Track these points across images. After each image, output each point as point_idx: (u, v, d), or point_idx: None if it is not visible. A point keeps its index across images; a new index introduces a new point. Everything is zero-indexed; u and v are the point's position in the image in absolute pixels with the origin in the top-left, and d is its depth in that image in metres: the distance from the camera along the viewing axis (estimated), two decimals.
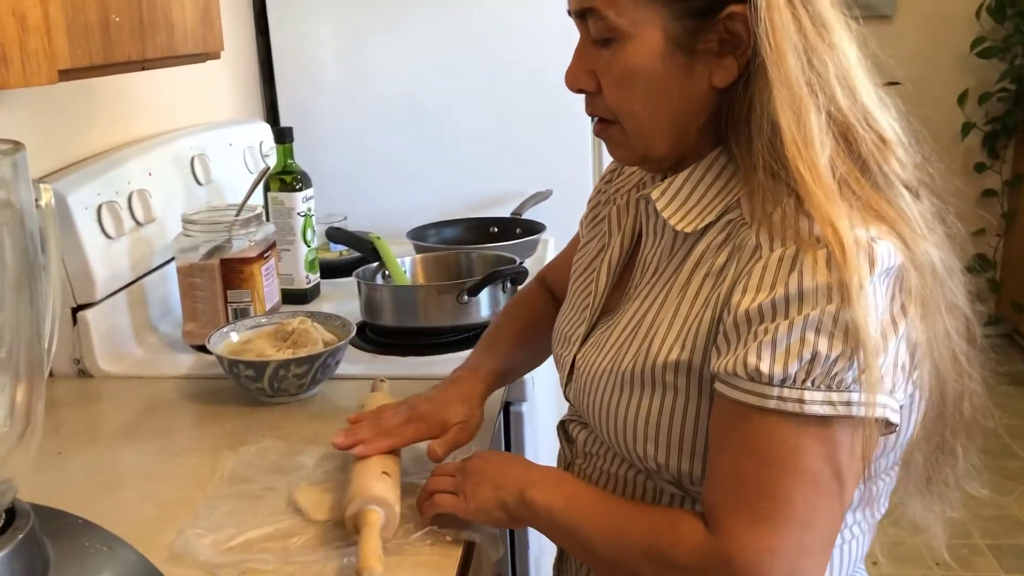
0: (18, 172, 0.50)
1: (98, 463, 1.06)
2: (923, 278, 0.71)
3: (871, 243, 0.69)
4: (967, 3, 3.66)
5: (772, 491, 0.69)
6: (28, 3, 0.58)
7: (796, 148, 0.71)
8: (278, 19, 2.00)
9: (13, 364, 0.52)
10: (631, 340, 0.82)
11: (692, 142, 0.80)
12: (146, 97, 1.59)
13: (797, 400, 0.68)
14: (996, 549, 2.49)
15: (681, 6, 0.74)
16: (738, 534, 0.69)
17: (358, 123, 2.04)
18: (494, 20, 1.95)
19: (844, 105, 0.74)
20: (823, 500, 0.70)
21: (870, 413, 0.68)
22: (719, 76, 0.75)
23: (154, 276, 1.46)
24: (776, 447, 0.69)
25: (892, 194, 0.74)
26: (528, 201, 1.95)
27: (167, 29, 0.96)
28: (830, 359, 0.67)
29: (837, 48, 0.74)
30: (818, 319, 0.67)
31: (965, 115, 3.74)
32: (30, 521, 0.54)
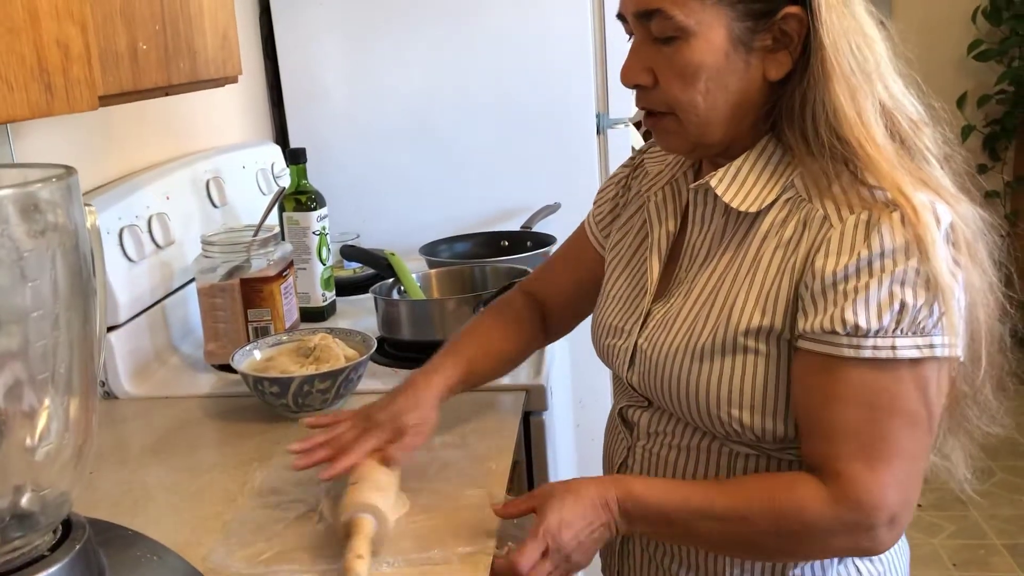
0: (72, 195, 0.52)
1: (129, 481, 1.08)
2: (968, 237, 0.81)
3: (935, 204, 0.79)
4: (963, 7, 3.69)
5: (882, 434, 0.78)
6: (71, 33, 0.61)
7: (858, 128, 0.81)
8: (285, 42, 2.03)
9: (68, 381, 0.54)
10: (706, 314, 0.88)
11: (744, 130, 0.88)
12: (160, 122, 1.62)
13: (890, 347, 0.77)
14: (1013, 549, 2.49)
15: (744, 7, 0.83)
16: (861, 478, 0.78)
17: (366, 142, 2.06)
18: (500, 38, 1.98)
19: (882, 91, 0.84)
20: (922, 436, 0.80)
21: (952, 353, 0.78)
22: (773, 70, 0.85)
23: (174, 298, 1.49)
24: (878, 394, 0.78)
25: (931, 167, 0.84)
26: (537, 214, 1.97)
27: (190, 56, 0.99)
28: (917, 307, 0.77)
29: (875, 41, 0.85)
30: (903, 273, 0.77)
31: (965, 117, 3.77)
32: (86, 532, 0.55)
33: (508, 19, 1.98)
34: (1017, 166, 3.79)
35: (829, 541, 0.81)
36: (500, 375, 1.17)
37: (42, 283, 0.51)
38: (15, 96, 0.57)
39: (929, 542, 2.55)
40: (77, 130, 1.36)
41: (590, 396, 1.90)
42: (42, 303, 0.51)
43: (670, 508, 0.84)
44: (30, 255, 0.50)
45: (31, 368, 0.52)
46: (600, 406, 1.08)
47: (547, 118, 2.01)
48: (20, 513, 0.54)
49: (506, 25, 1.98)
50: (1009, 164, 3.81)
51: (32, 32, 0.58)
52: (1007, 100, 3.69)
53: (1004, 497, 2.73)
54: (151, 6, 0.90)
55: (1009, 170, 3.81)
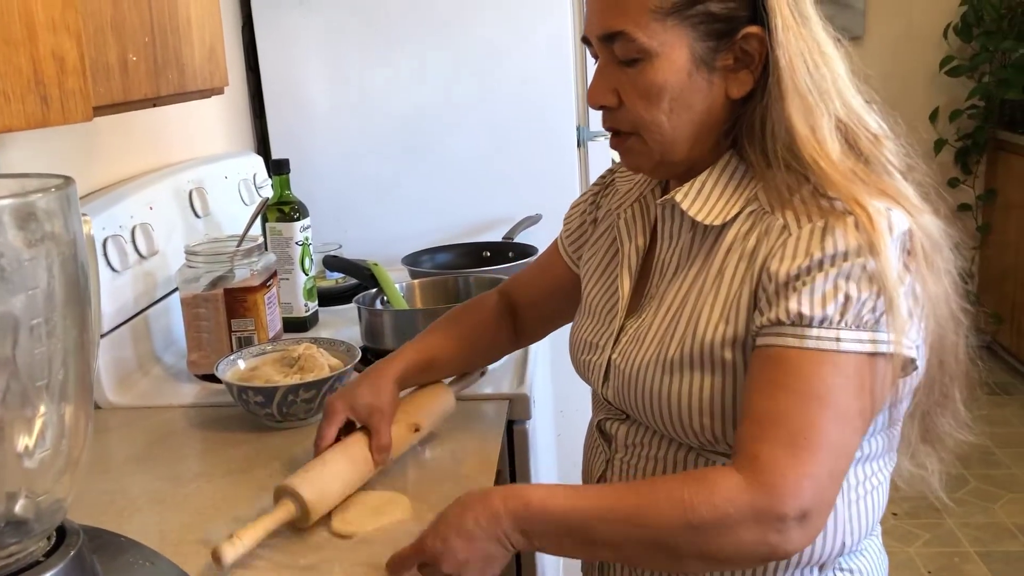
0: (70, 205, 0.53)
1: (113, 491, 1.08)
2: (925, 245, 0.82)
3: (888, 211, 0.80)
4: (935, 23, 3.77)
5: (811, 423, 0.77)
6: (67, 46, 0.61)
7: (812, 146, 0.83)
8: (267, 53, 2.04)
9: (64, 389, 0.54)
10: (675, 328, 0.89)
11: (707, 148, 0.90)
12: (143, 132, 1.62)
13: (834, 339, 0.77)
14: (986, 556, 2.53)
15: (705, 28, 0.84)
16: (780, 462, 0.75)
17: (348, 153, 2.07)
18: (482, 50, 2.00)
19: (840, 107, 0.85)
20: (851, 432, 0.79)
21: (898, 350, 0.78)
22: (735, 88, 0.86)
23: (156, 308, 1.48)
24: (815, 384, 0.78)
25: (892, 179, 0.86)
26: (519, 225, 1.99)
27: (178, 67, 1.00)
28: (861, 301, 0.78)
29: (832, 60, 0.86)
30: (850, 268, 0.78)
31: (937, 132, 3.84)
32: (80, 538, 0.56)
33: (490, 32, 2.00)
34: (988, 179, 3.86)
35: (739, 532, 0.75)
36: (465, 369, 1.20)
37: (41, 291, 0.51)
38: (12, 107, 0.58)
39: (904, 550, 2.58)
40: (61, 140, 1.36)
41: (570, 406, 1.91)
42: (41, 311, 0.51)
43: (570, 514, 0.78)
44: (29, 264, 0.51)
45: (29, 375, 0.52)
46: (580, 416, 1.09)
47: (529, 130, 2.03)
48: (15, 519, 0.54)
49: (488, 38, 2.00)
50: (980, 178, 3.89)
51: (29, 45, 0.59)
52: (978, 115, 3.76)
53: (978, 505, 2.78)
54: (141, 18, 0.91)
55: (980, 183, 3.88)
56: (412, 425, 1.09)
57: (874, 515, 0.90)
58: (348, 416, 1.04)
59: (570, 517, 0.78)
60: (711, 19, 0.83)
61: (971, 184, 3.89)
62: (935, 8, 3.76)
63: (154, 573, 0.60)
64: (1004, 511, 2.75)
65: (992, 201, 3.80)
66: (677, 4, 0.83)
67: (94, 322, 0.59)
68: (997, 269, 3.79)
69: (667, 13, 0.83)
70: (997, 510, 2.75)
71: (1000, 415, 3.33)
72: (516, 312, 1.19)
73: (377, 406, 1.04)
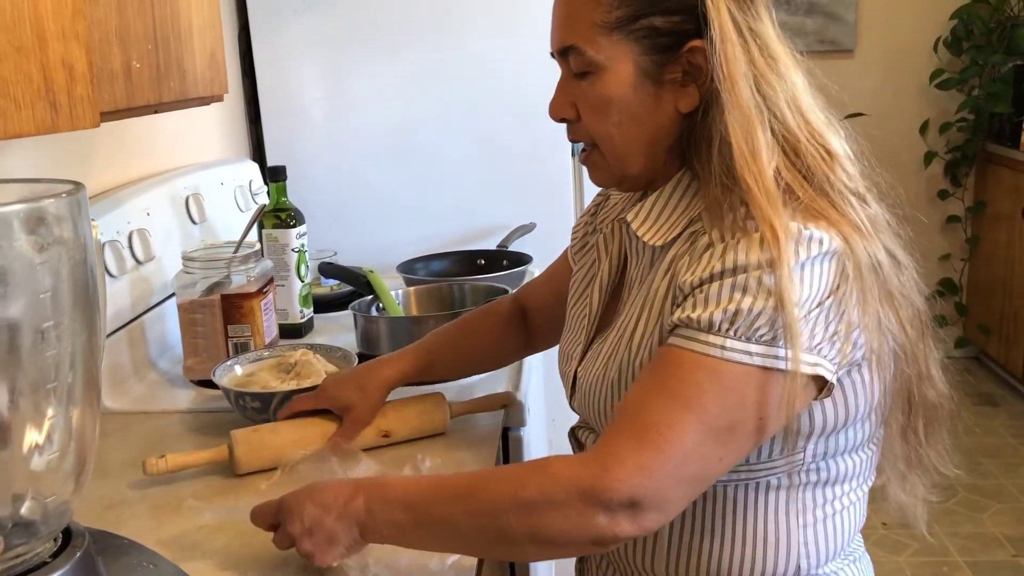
0: (80, 210, 0.54)
1: (110, 495, 1.08)
2: (859, 269, 0.79)
3: (801, 231, 0.77)
4: (925, 37, 3.81)
5: (668, 421, 0.75)
6: (76, 53, 0.62)
7: (745, 161, 0.80)
8: (263, 60, 2.04)
9: (72, 392, 0.55)
10: (618, 348, 0.90)
11: (662, 163, 0.89)
12: (139, 138, 1.63)
13: (719, 346, 0.76)
14: (975, 566, 2.55)
15: (650, 42, 0.84)
16: (621, 449, 0.75)
17: (343, 160, 2.08)
18: (477, 59, 2.01)
19: (792, 124, 0.83)
20: (713, 442, 0.76)
21: (795, 368, 0.75)
22: (683, 102, 0.85)
23: (152, 314, 1.49)
24: (687, 385, 0.76)
25: (837, 198, 0.82)
26: (513, 234, 2.00)
27: (180, 75, 1.00)
28: (754, 314, 0.75)
29: (784, 76, 0.84)
30: (745, 280, 0.76)
31: (927, 144, 3.87)
32: (85, 540, 0.57)
33: (485, 41, 2.01)
34: (977, 192, 3.90)
35: (565, 510, 0.74)
36: (469, 374, 1.23)
37: (52, 295, 0.52)
38: (22, 114, 0.58)
39: (893, 560, 2.60)
40: (58, 146, 1.37)
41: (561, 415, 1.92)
42: (51, 315, 0.52)
43: (411, 490, 0.81)
44: (40, 268, 0.51)
45: (39, 378, 0.53)
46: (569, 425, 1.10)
47: (523, 139, 2.04)
48: (22, 521, 0.55)
49: (483, 46, 2.01)
50: (970, 190, 3.92)
51: (40, 52, 0.60)
52: (967, 128, 3.80)
53: (966, 515, 2.80)
54: (144, 26, 0.92)
55: (969, 196, 3.92)
56: (383, 431, 1.14)
57: (837, 539, 0.89)
58: (328, 407, 1.12)
59: (410, 493, 0.81)
60: (655, 33, 0.83)
61: (960, 196, 3.92)
62: (925, 22, 3.80)
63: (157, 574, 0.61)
64: (992, 521, 2.77)
65: (981, 213, 3.84)
66: (621, 18, 0.83)
67: (101, 326, 0.60)
68: (986, 281, 3.82)
69: (612, 27, 0.84)
70: (985, 520, 2.77)
71: (988, 426, 3.35)
72: (528, 317, 1.21)
73: (357, 409, 1.11)
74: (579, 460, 0.77)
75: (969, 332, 3.95)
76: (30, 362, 0.54)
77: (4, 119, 0.57)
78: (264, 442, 1.11)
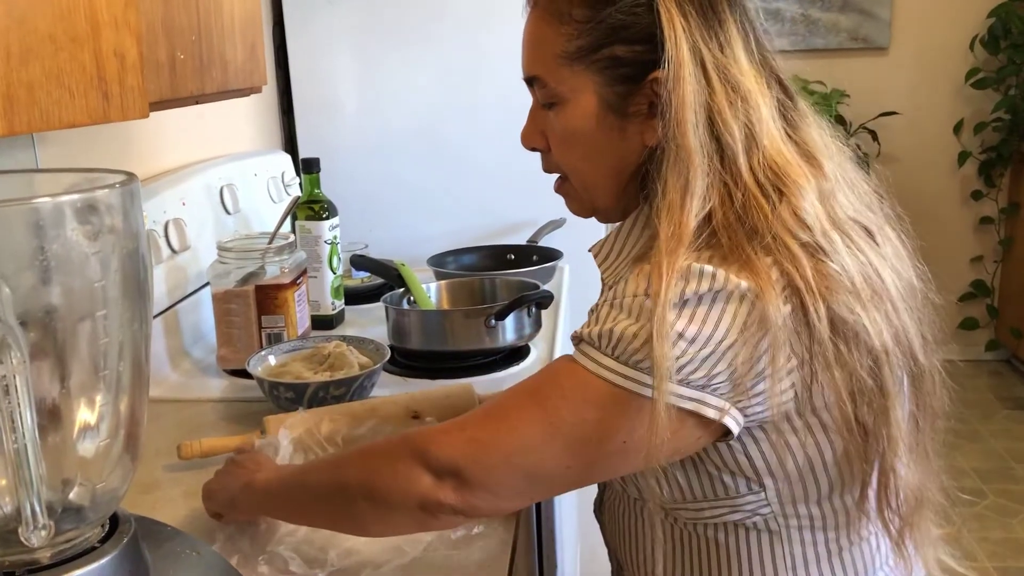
0: (133, 201, 0.54)
1: (146, 482, 1.10)
2: (767, 322, 0.72)
3: (692, 265, 0.73)
4: (961, 35, 3.76)
5: (519, 411, 0.76)
6: (128, 43, 0.63)
7: (668, 203, 0.76)
8: (297, 52, 2.05)
9: (122, 381, 0.56)
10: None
11: (631, 196, 0.87)
12: (176, 129, 1.64)
13: (592, 359, 0.75)
14: (1004, 572, 2.52)
15: (611, 73, 0.81)
16: (466, 422, 0.78)
17: (375, 153, 2.09)
18: (510, 52, 1.99)
19: (743, 165, 0.77)
20: (557, 446, 0.75)
21: (660, 397, 0.71)
22: (649, 136, 0.82)
23: (186, 303, 1.50)
24: (551, 387, 0.76)
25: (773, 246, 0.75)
26: (543, 229, 2.00)
27: (222, 66, 1.01)
28: (627, 336, 0.73)
29: (746, 113, 0.78)
30: (623, 301, 0.75)
31: (961, 144, 3.82)
32: (132, 527, 0.57)
33: (516, 34, 2.00)
34: (1012, 193, 3.84)
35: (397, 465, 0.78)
36: None
37: (104, 284, 0.53)
38: (75, 103, 0.59)
39: None
40: (96, 136, 1.38)
41: None
42: (104, 303, 0.53)
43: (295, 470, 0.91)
44: (94, 257, 0.52)
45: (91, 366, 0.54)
46: None
47: None
48: (72, 506, 0.56)
49: (516, 40, 2.00)
50: (1004, 191, 3.87)
51: (93, 42, 0.61)
52: (1003, 128, 3.75)
53: (995, 520, 2.76)
54: (188, 17, 0.92)
55: (1004, 197, 3.87)
56: (412, 411, 1.15)
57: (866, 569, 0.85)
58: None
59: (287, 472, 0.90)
60: (617, 63, 0.80)
61: (994, 197, 3.87)
62: (962, 20, 3.75)
63: (200, 562, 0.61)
64: (1022, 526, 2.73)
65: (1015, 214, 3.79)
66: (582, 47, 0.81)
67: (150, 316, 0.61)
68: (1019, 283, 3.76)
69: (573, 58, 0.82)
70: (1015, 525, 2.74)
71: (1019, 430, 3.31)
72: None
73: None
74: (431, 427, 0.80)
75: (1001, 335, 3.90)
76: (81, 349, 0.54)
77: (59, 108, 0.58)
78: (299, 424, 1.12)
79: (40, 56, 0.57)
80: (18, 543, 0.52)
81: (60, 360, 0.54)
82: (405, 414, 1.15)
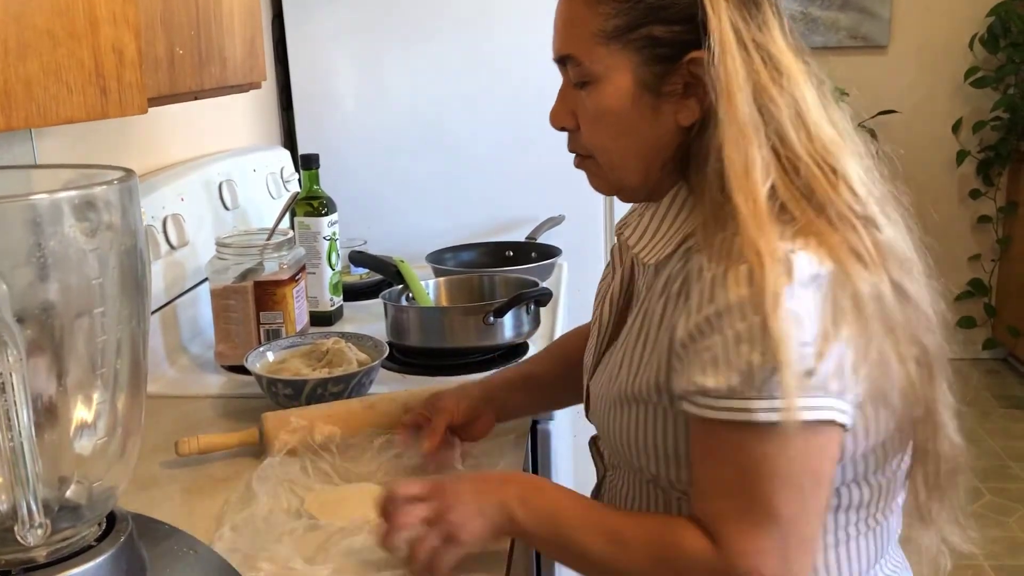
0: (132, 198, 0.54)
1: (143, 479, 1.09)
2: (855, 296, 0.74)
3: (789, 254, 0.74)
4: (961, 33, 3.75)
5: (754, 496, 0.75)
6: (126, 39, 0.63)
7: (737, 177, 0.77)
8: (297, 48, 2.05)
9: (119, 378, 0.55)
10: (623, 364, 0.88)
11: (660, 176, 0.86)
12: (174, 124, 1.63)
13: (744, 410, 0.73)
14: (1000, 570, 2.52)
15: (649, 52, 0.81)
16: (734, 540, 0.75)
17: (374, 149, 2.08)
18: (509, 49, 2.01)
19: (794, 140, 0.79)
20: (799, 499, 0.75)
21: (809, 416, 0.72)
22: (684, 115, 0.82)
23: (185, 298, 1.50)
24: (745, 456, 0.75)
25: (836, 220, 0.77)
26: (542, 226, 2.00)
27: (220, 61, 1.01)
28: (765, 369, 0.72)
29: (790, 90, 0.80)
30: (748, 331, 0.73)
31: (960, 143, 3.82)
32: (129, 525, 0.57)
33: (517, 30, 2.00)
34: (1010, 192, 3.84)
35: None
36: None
37: (102, 282, 0.52)
38: (73, 99, 0.59)
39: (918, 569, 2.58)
40: (95, 131, 1.38)
41: None
42: (101, 301, 0.52)
43: (562, 508, 0.83)
44: (92, 254, 0.52)
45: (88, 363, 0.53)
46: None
47: (553, 130, 2.02)
48: (69, 505, 0.55)
49: (515, 36, 2.00)
50: (1002, 190, 3.87)
51: (92, 38, 0.60)
52: (1002, 127, 3.74)
53: (992, 519, 2.77)
54: (188, 12, 0.92)
55: (1002, 196, 3.86)
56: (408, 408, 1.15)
57: (855, 565, 0.86)
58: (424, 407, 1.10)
59: (560, 509, 0.83)
60: (654, 43, 0.80)
61: (992, 196, 3.87)
62: (961, 18, 3.74)
63: (197, 561, 0.61)
64: (1019, 525, 2.74)
65: (1013, 213, 3.78)
66: (619, 28, 0.81)
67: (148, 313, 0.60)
68: (1016, 282, 3.77)
69: (610, 37, 0.81)
70: (1012, 524, 2.74)
71: (1016, 429, 3.31)
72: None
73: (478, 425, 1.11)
74: (709, 549, 0.76)
75: (998, 334, 3.90)
76: (78, 347, 0.54)
77: (57, 104, 0.57)
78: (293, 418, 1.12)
79: (38, 51, 0.57)
80: (14, 541, 0.51)
81: (57, 357, 0.54)
82: (402, 411, 1.15)
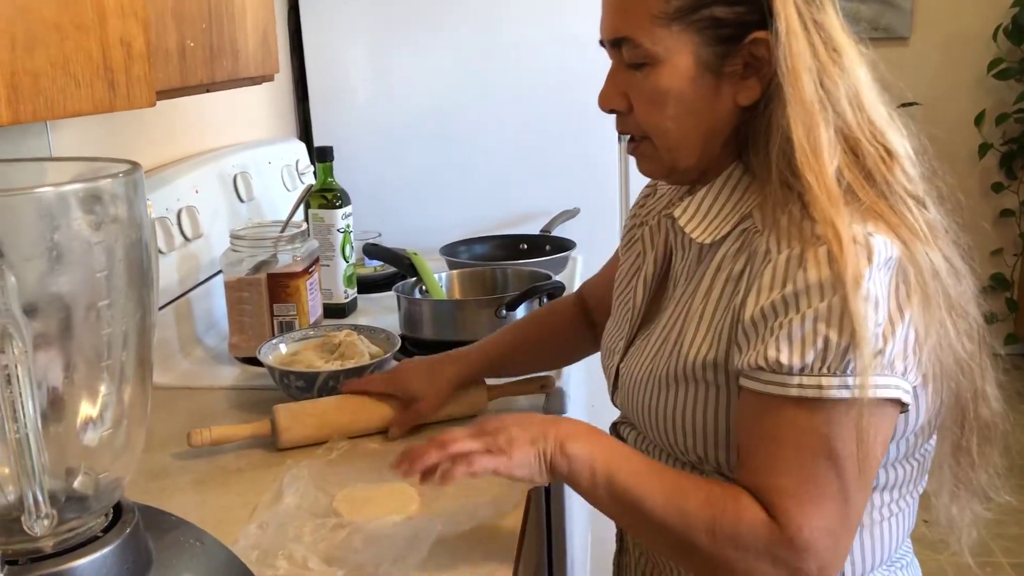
0: (137, 190, 0.54)
1: (155, 470, 1.10)
2: (921, 275, 0.76)
3: (868, 237, 0.75)
4: (984, 25, 3.70)
5: (811, 474, 0.75)
6: (134, 32, 0.63)
7: (806, 158, 0.78)
8: (312, 40, 2.05)
9: (125, 370, 0.56)
10: (666, 344, 0.88)
11: (716, 156, 0.87)
12: (189, 116, 1.64)
13: (815, 386, 0.74)
14: (1018, 568, 2.50)
15: (711, 33, 0.81)
16: (793, 515, 0.75)
17: (389, 142, 2.08)
18: (524, 42, 2.00)
19: (853, 121, 0.81)
20: (854, 480, 0.76)
21: (879, 394, 0.74)
22: (743, 95, 0.83)
23: (199, 290, 1.51)
24: (808, 434, 0.75)
25: (895, 201, 0.80)
26: (557, 219, 1.99)
27: (232, 54, 1.01)
28: (841, 346, 0.73)
29: (848, 70, 0.81)
30: (827, 310, 0.74)
31: (982, 136, 3.77)
32: (135, 516, 0.57)
33: (531, 23, 1.99)
34: None
35: (753, 562, 0.77)
36: (535, 369, 1.23)
37: (108, 274, 0.53)
38: (81, 92, 0.59)
39: (935, 558, 2.55)
40: (109, 123, 1.39)
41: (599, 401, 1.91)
42: (107, 293, 0.53)
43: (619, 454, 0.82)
44: (98, 247, 0.52)
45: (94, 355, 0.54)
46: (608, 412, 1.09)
47: (568, 123, 2.02)
48: (76, 495, 0.56)
49: (529, 29, 2.00)
50: None
51: (99, 30, 0.60)
52: None
53: (1012, 516, 2.74)
54: (199, 4, 0.92)
55: None
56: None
57: (884, 546, 0.87)
58: (396, 393, 1.14)
59: (619, 453, 0.82)
60: (717, 24, 0.81)
61: (1015, 189, 3.82)
62: (985, 9, 3.69)
63: (203, 552, 0.61)
64: None
65: None
66: (681, 9, 0.81)
67: (154, 306, 0.61)
68: None
69: (671, 18, 0.81)
70: None
71: None
72: (591, 314, 1.20)
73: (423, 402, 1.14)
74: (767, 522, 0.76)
75: (1020, 329, 3.85)
76: (85, 339, 0.54)
77: (65, 97, 0.57)
78: (306, 410, 1.14)
79: (46, 44, 0.57)
80: (21, 531, 0.52)
81: (64, 350, 0.54)
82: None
